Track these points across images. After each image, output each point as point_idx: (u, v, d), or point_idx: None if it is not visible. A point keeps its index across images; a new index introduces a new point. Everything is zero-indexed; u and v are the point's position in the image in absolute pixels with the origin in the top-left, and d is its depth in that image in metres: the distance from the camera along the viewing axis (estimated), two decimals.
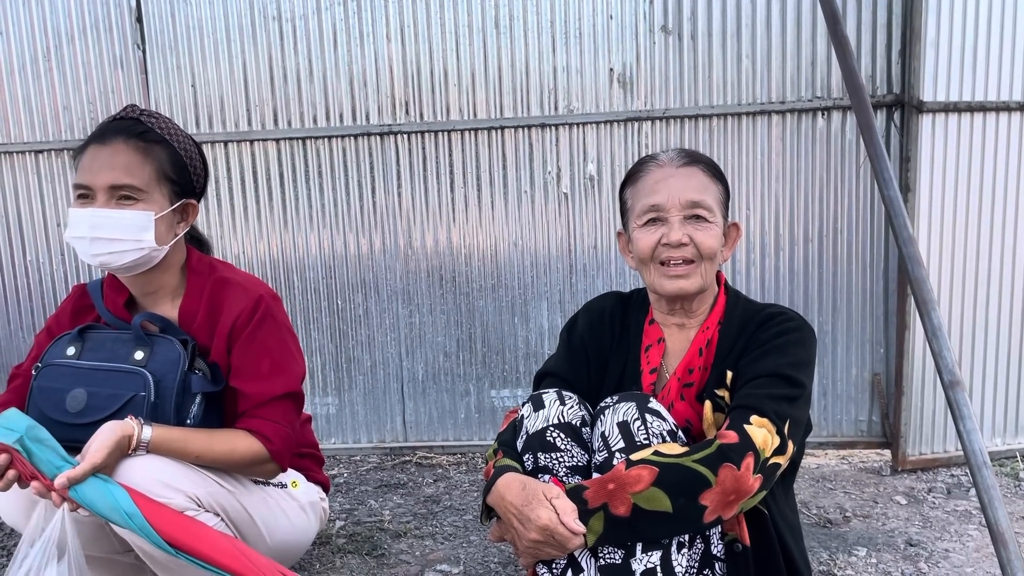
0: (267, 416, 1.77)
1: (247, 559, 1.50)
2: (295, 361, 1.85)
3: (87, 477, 1.50)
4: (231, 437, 1.74)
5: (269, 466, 1.79)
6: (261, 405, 1.77)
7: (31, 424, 1.53)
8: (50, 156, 3.23)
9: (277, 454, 1.77)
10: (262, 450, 1.75)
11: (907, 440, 2.94)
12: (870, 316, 3.03)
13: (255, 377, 1.78)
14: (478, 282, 3.18)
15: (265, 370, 1.79)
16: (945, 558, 2.32)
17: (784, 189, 3.01)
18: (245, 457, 1.74)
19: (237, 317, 1.79)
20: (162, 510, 1.51)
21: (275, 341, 1.81)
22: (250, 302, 1.80)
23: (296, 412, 1.85)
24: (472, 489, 2.94)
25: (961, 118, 2.80)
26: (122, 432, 1.58)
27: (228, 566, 1.48)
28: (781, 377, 1.58)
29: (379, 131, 3.10)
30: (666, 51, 2.98)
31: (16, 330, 3.35)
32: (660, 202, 1.67)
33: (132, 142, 1.74)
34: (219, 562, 1.48)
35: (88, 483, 1.50)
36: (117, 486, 1.51)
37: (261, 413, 1.77)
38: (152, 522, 1.48)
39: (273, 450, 1.76)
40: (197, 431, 1.72)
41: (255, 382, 1.78)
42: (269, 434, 1.76)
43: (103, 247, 1.71)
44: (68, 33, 3.15)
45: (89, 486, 1.50)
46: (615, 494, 1.44)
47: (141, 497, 1.51)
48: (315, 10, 3.06)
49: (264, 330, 1.80)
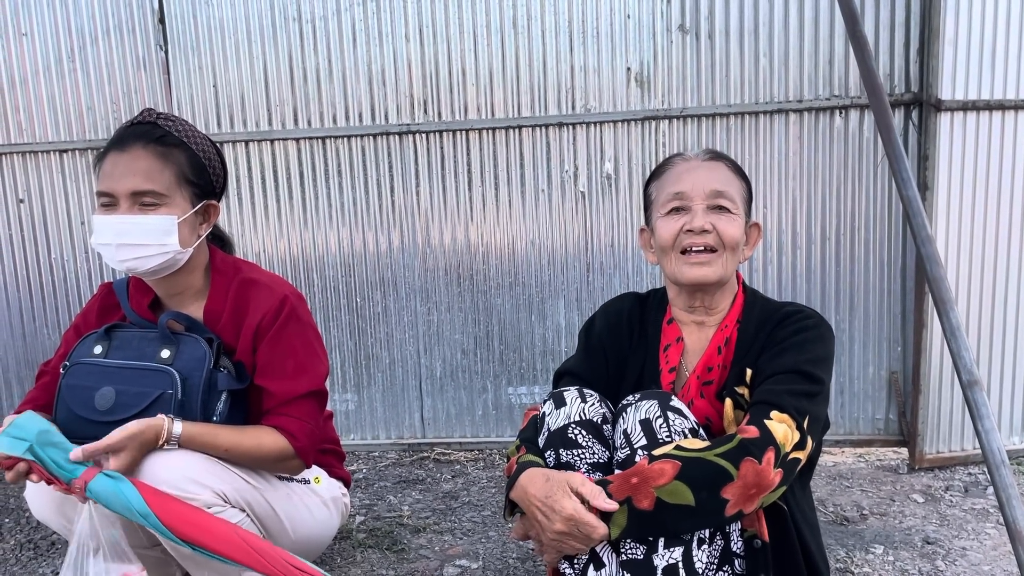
0: (292, 414, 1.80)
1: (255, 551, 1.55)
2: (319, 360, 1.88)
3: (100, 454, 1.55)
4: (258, 433, 1.77)
5: (294, 462, 1.83)
6: (286, 403, 1.81)
7: (43, 429, 1.55)
8: (74, 155, 3.28)
9: (302, 451, 1.80)
10: (287, 446, 1.78)
11: (924, 438, 2.95)
12: (887, 314, 3.04)
13: (280, 376, 1.81)
14: (496, 280, 3.20)
15: (290, 369, 1.82)
16: (962, 556, 2.32)
17: (801, 188, 3.01)
18: (271, 453, 1.77)
19: (263, 317, 1.81)
20: (173, 506, 1.55)
21: (300, 341, 1.84)
22: (275, 302, 1.83)
23: (320, 410, 1.88)
24: (490, 485, 2.97)
25: (980, 117, 2.79)
26: (148, 426, 1.62)
27: (237, 558, 1.54)
28: (800, 373, 1.59)
29: (398, 130, 3.12)
30: (683, 50, 2.99)
31: (40, 327, 3.41)
32: (684, 190, 1.69)
33: (151, 147, 1.75)
34: (228, 554, 1.54)
35: (100, 482, 1.52)
36: (128, 484, 1.53)
37: (286, 411, 1.80)
38: (164, 519, 1.52)
39: (298, 447, 1.79)
40: (225, 427, 1.75)
41: (280, 381, 1.81)
42: (295, 431, 1.79)
43: (129, 253, 1.74)
44: (92, 34, 3.19)
45: (101, 485, 1.52)
46: (639, 488, 1.46)
47: (152, 494, 1.54)
48: (335, 10, 3.08)
49: (289, 330, 1.83)
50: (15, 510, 2.85)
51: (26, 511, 2.82)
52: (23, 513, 2.82)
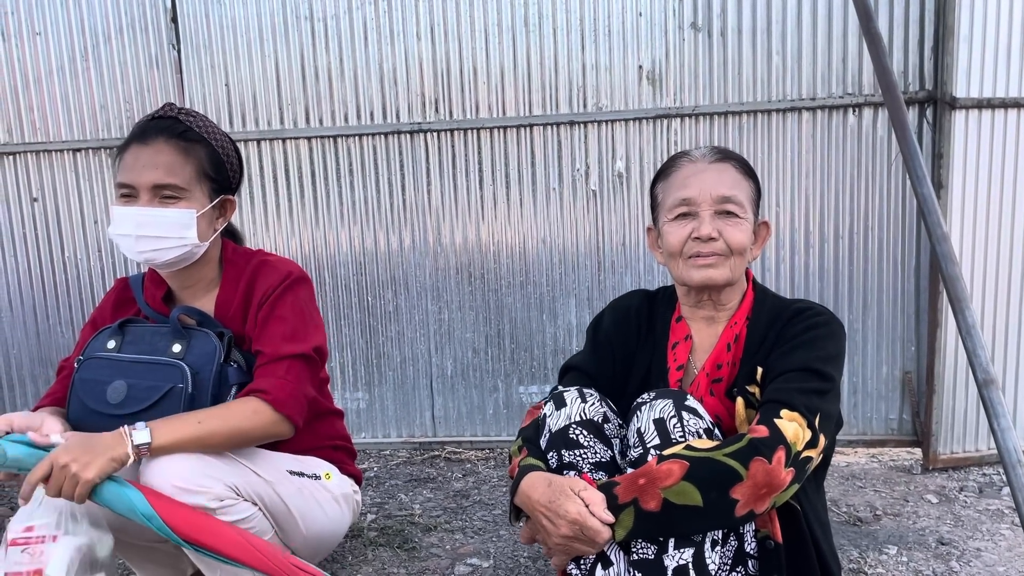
0: (269, 374, 1.76)
1: (260, 553, 1.56)
2: (311, 330, 1.85)
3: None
4: (229, 402, 1.74)
5: (273, 417, 1.73)
6: (269, 363, 1.78)
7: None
8: (88, 154, 3.30)
9: (277, 402, 1.73)
10: (260, 403, 1.72)
11: (938, 438, 2.92)
12: (901, 314, 3.01)
13: (269, 340, 1.80)
14: (507, 279, 3.20)
15: (279, 334, 1.80)
16: (977, 557, 2.30)
17: (815, 186, 2.99)
18: (244, 412, 1.70)
19: (265, 291, 1.84)
20: (177, 509, 1.55)
21: (292, 311, 1.83)
22: (278, 277, 1.85)
23: (306, 371, 1.82)
24: (500, 484, 2.96)
25: (995, 114, 2.77)
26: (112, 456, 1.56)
27: (241, 559, 1.55)
28: (811, 371, 1.58)
29: (409, 129, 3.13)
30: (695, 48, 2.98)
31: (54, 325, 3.43)
32: (691, 196, 1.68)
33: (173, 142, 1.79)
34: (233, 555, 1.55)
35: (106, 487, 1.53)
36: (132, 488, 1.54)
37: (264, 372, 1.77)
38: (168, 522, 1.52)
39: (271, 399, 1.72)
40: (195, 410, 1.71)
41: (268, 344, 1.80)
42: (266, 387, 1.73)
43: (148, 244, 1.76)
44: (105, 33, 3.21)
45: (107, 490, 1.53)
46: (645, 489, 1.45)
47: (156, 497, 1.54)
48: (346, 9, 3.09)
49: (285, 300, 1.83)
50: None
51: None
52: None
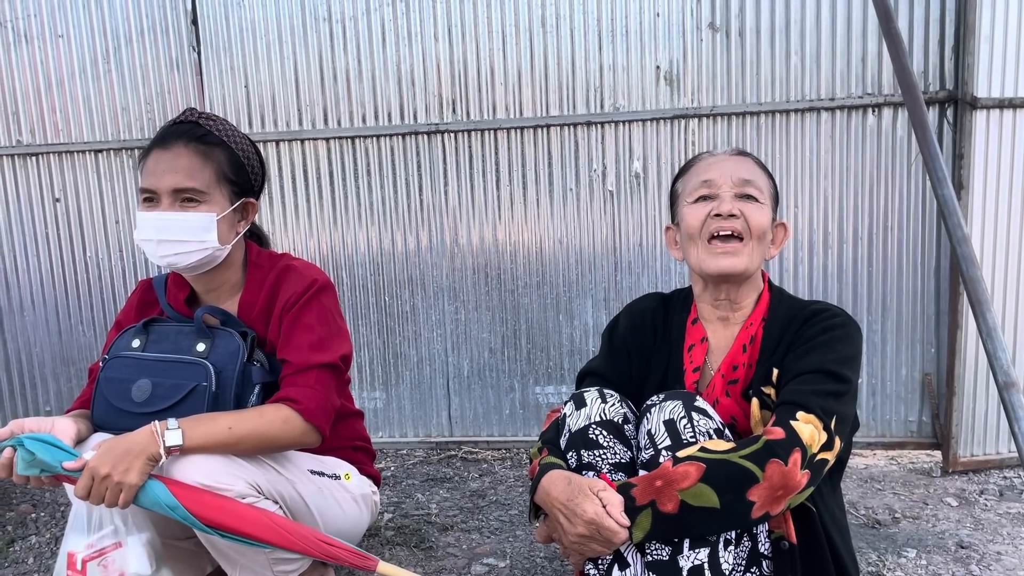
0: (299, 383, 1.78)
1: (285, 531, 1.58)
2: (338, 340, 1.87)
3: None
4: (261, 407, 1.75)
5: (303, 427, 1.76)
6: (297, 372, 1.80)
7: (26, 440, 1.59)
8: (109, 155, 3.34)
9: (308, 412, 1.75)
10: (291, 412, 1.74)
11: (958, 441, 2.90)
12: (921, 315, 2.99)
13: (296, 349, 1.81)
14: (523, 279, 3.20)
15: (306, 343, 1.81)
16: (997, 561, 2.29)
17: (833, 187, 2.98)
18: (276, 420, 1.72)
19: (289, 298, 1.85)
20: (200, 496, 1.57)
21: (318, 320, 1.84)
22: (303, 284, 1.86)
23: (333, 381, 1.84)
24: (517, 484, 2.97)
25: (1016, 114, 2.75)
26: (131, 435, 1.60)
27: (268, 539, 1.57)
28: (827, 373, 1.57)
29: (426, 130, 3.14)
30: (713, 48, 2.97)
31: (76, 325, 3.47)
32: (712, 178, 1.70)
33: (192, 145, 1.80)
34: (259, 536, 1.57)
35: None
36: (155, 480, 1.56)
37: (296, 380, 1.79)
38: (192, 509, 1.54)
39: (301, 409, 1.74)
40: (227, 412, 1.73)
41: (295, 352, 1.81)
42: (298, 396, 1.75)
43: (169, 248, 1.78)
44: (126, 36, 3.25)
45: None
46: (663, 491, 1.45)
47: (178, 487, 1.56)
48: (364, 11, 3.11)
49: (310, 309, 1.84)
50: (50, 504, 2.90)
51: (61, 505, 2.87)
52: (59, 507, 2.87)
